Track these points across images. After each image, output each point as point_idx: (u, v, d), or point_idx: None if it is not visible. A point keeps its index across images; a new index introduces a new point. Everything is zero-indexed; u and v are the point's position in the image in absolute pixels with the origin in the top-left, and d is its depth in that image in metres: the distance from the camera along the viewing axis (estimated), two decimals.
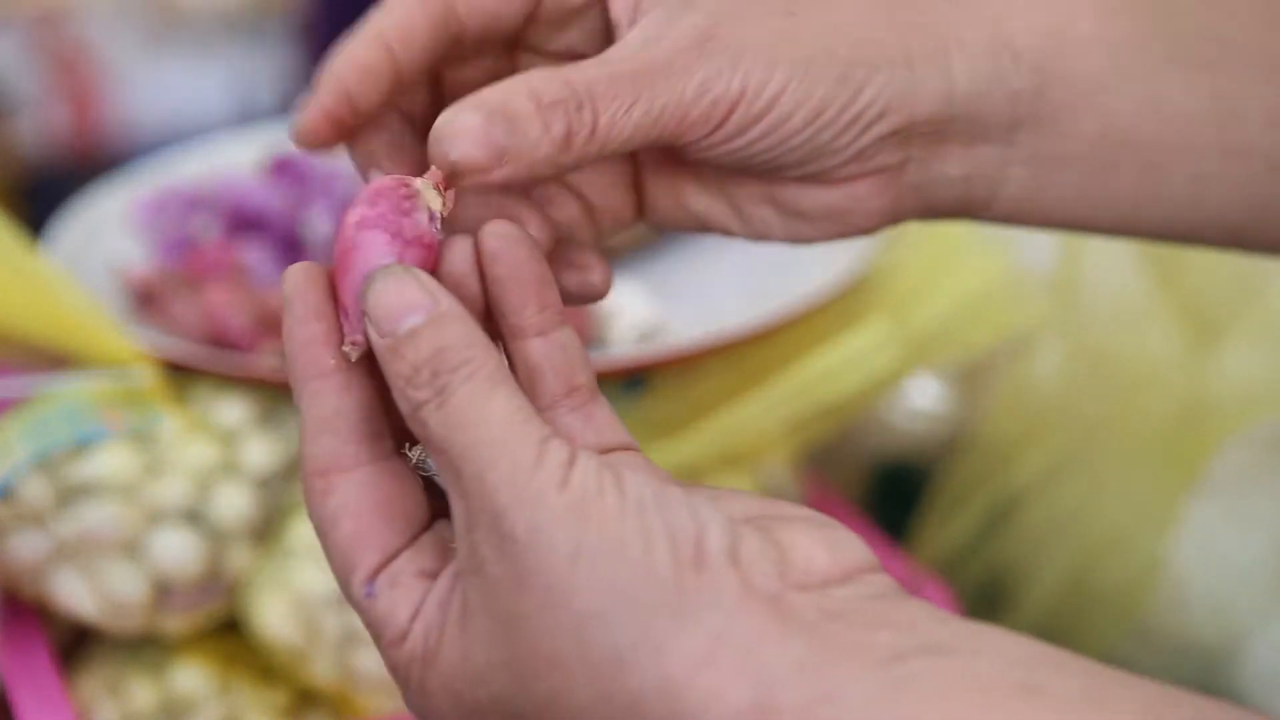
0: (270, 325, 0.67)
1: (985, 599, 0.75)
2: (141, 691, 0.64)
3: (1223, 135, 0.44)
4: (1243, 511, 0.72)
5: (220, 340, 0.66)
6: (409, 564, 0.38)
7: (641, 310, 0.71)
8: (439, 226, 0.39)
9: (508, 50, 0.45)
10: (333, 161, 0.79)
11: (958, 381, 0.80)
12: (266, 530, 0.64)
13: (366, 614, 0.38)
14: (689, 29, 0.41)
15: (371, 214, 0.38)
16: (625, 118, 0.40)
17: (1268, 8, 0.44)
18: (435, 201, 0.39)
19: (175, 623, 0.64)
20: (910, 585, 0.69)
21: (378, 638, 0.38)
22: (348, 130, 0.42)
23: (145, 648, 0.66)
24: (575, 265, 0.45)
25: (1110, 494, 0.73)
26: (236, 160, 0.81)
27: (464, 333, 0.37)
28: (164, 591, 0.63)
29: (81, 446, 0.64)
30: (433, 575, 0.38)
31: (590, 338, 0.70)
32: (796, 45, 0.41)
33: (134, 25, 1.62)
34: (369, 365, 0.38)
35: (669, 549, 0.34)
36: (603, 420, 0.40)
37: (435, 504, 0.39)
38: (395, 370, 0.37)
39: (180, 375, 0.65)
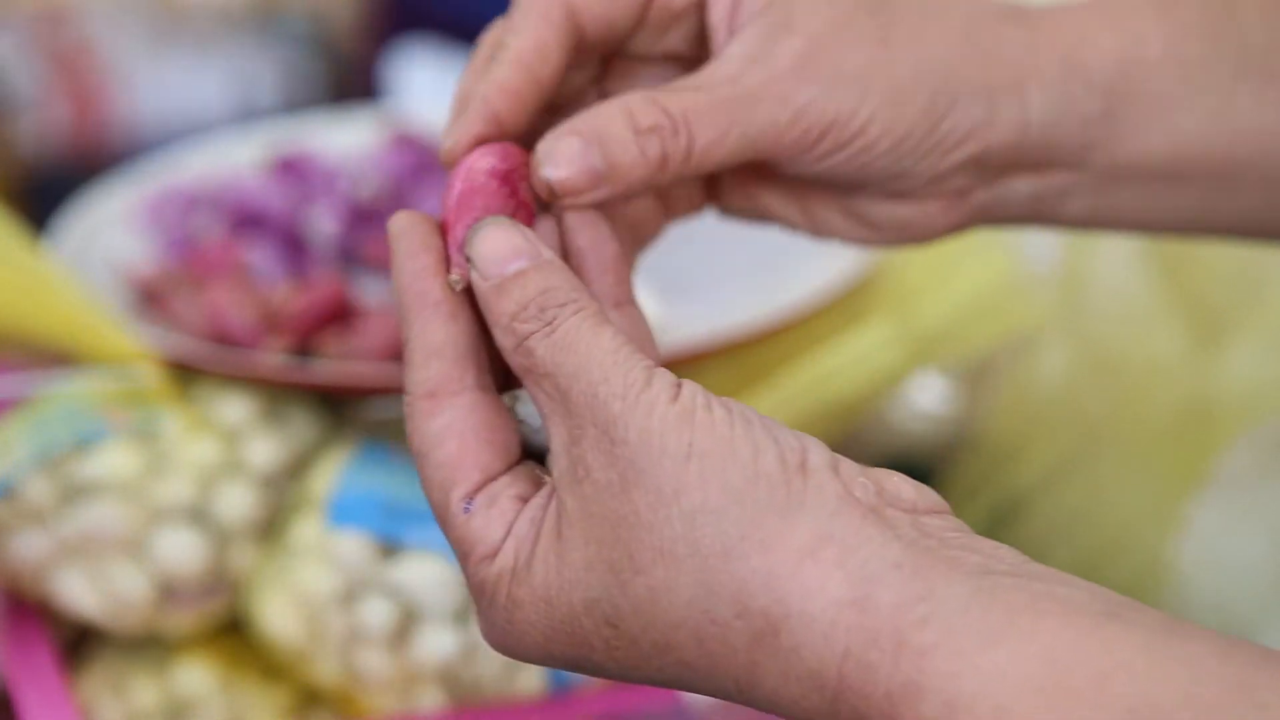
0: (273, 323, 0.67)
1: None
2: (144, 691, 0.64)
3: None
4: (1248, 511, 0.72)
5: (223, 339, 0.66)
6: (507, 486, 0.39)
7: (646, 308, 0.71)
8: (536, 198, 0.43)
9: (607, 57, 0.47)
10: (335, 160, 0.79)
11: (962, 381, 0.80)
12: (270, 529, 0.64)
13: (459, 530, 0.39)
14: (787, 54, 0.43)
15: (502, 167, 0.42)
16: (720, 144, 0.42)
17: None
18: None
19: (178, 622, 0.64)
20: None
21: (466, 555, 0.39)
22: None
23: (148, 647, 0.65)
24: None
25: (1114, 494, 0.72)
26: (238, 159, 0.81)
27: (568, 278, 0.39)
28: (167, 591, 0.63)
29: (84, 445, 0.63)
30: (526, 499, 0.39)
31: None
32: (888, 76, 0.43)
33: (135, 23, 1.62)
34: (474, 302, 0.40)
35: (776, 455, 0.36)
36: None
37: (526, 452, 0.41)
38: (500, 309, 0.39)
39: (183, 374, 0.65)
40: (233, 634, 0.66)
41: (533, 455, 0.41)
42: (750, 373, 0.68)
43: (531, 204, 0.43)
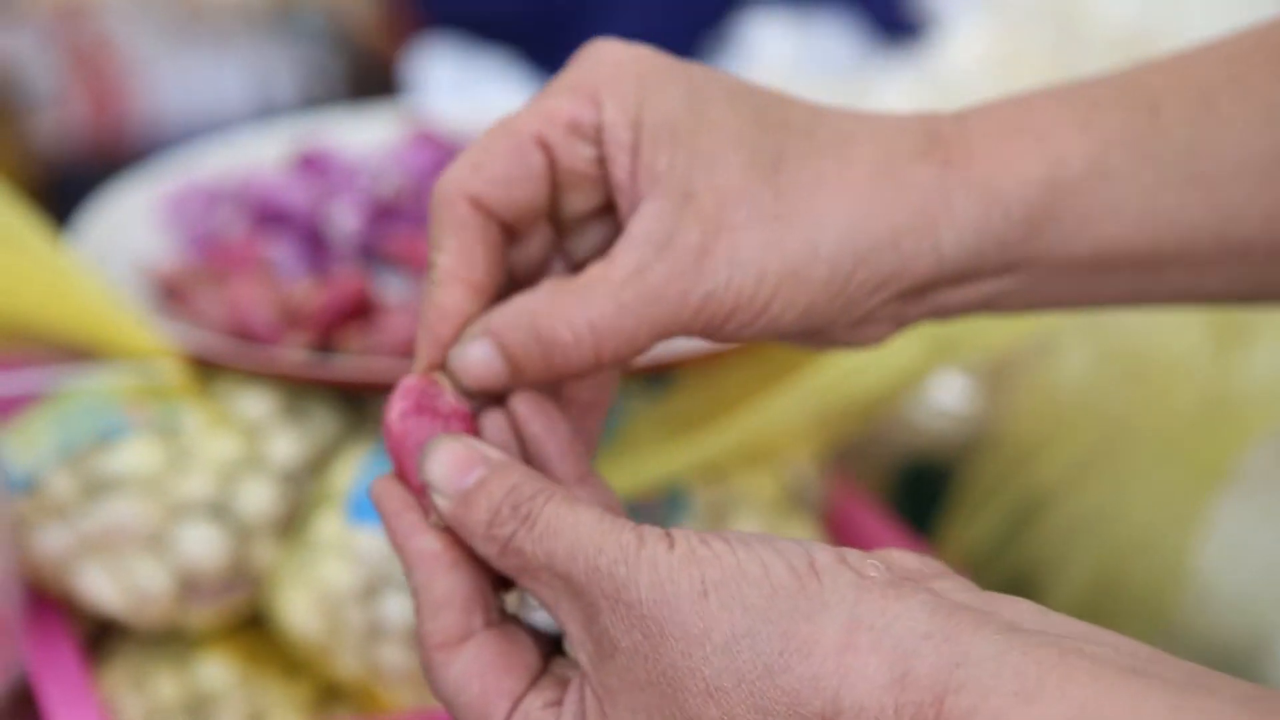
0: (294, 319, 0.67)
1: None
2: (166, 685, 0.64)
3: (1221, 238, 0.45)
4: (1269, 511, 0.72)
5: (244, 334, 0.66)
6: (535, 700, 0.41)
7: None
8: (467, 402, 0.45)
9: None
10: (355, 157, 0.79)
11: (984, 379, 0.80)
12: (290, 524, 0.64)
13: None
14: (687, 247, 0.43)
15: (408, 404, 0.44)
16: (628, 345, 0.44)
17: (1261, 111, 0.45)
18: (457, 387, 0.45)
19: (199, 617, 0.64)
20: None
21: None
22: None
23: (169, 642, 0.66)
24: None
25: (1136, 493, 0.72)
26: (259, 155, 0.81)
27: (526, 471, 0.41)
28: (188, 585, 0.63)
29: (106, 440, 0.64)
30: (559, 703, 0.40)
31: None
32: (782, 255, 0.44)
33: (154, 20, 1.62)
34: (468, 546, 0.42)
35: (785, 566, 0.37)
36: None
37: (543, 651, 0.43)
38: (474, 520, 0.41)
39: (204, 369, 0.65)
40: (253, 629, 0.66)
41: (553, 640, 0.43)
42: (771, 371, 0.68)
43: (457, 406, 0.44)
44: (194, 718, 0.64)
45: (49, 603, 0.65)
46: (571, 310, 0.43)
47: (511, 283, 0.47)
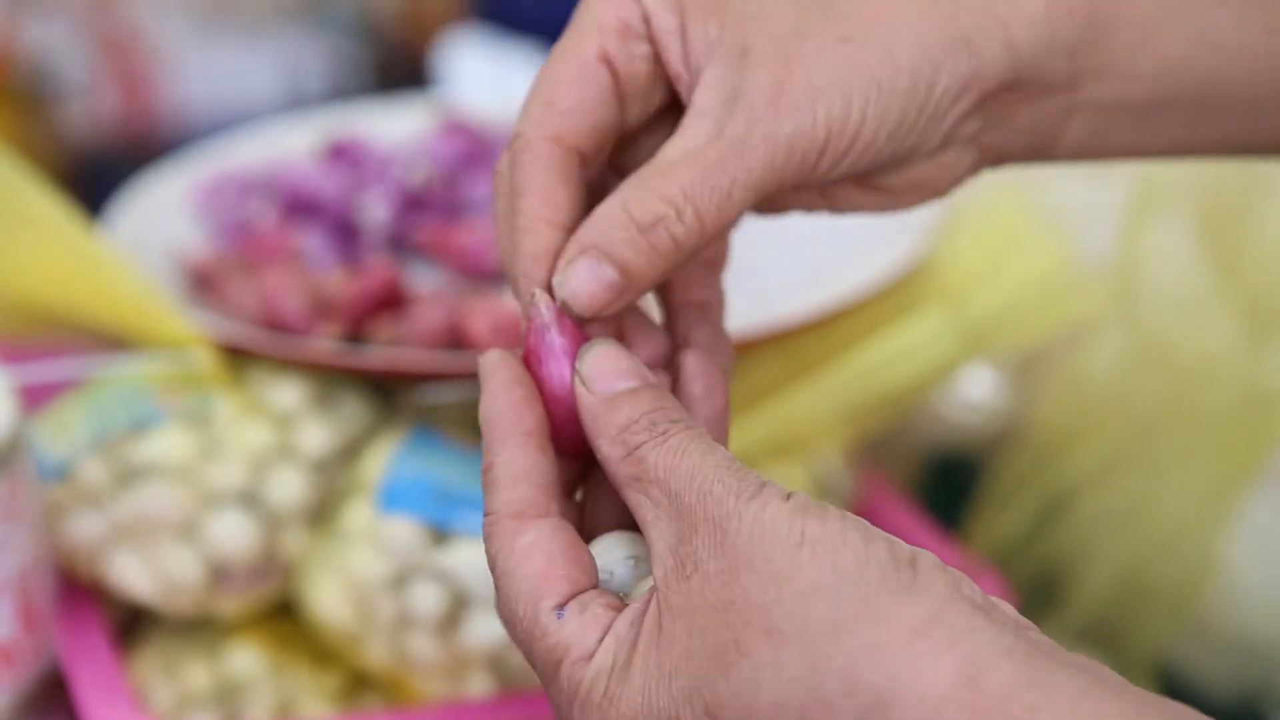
0: (325, 309, 0.67)
1: (1039, 592, 0.75)
2: (196, 673, 0.65)
3: (1277, 65, 0.45)
4: None
5: (276, 324, 0.67)
6: (596, 597, 0.40)
7: None
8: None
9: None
10: (387, 147, 0.79)
11: (1014, 372, 0.79)
12: (321, 513, 0.65)
13: (552, 636, 0.39)
14: (758, 90, 0.42)
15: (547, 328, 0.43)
16: (727, 203, 0.42)
17: None
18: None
19: (230, 605, 0.64)
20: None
21: (559, 661, 0.39)
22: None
23: (200, 630, 0.66)
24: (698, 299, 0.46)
25: (1167, 488, 0.72)
26: (291, 146, 0.81)
27: (676, 403, 0.41)
28: (219, 574, 0.63)
29: (139, 428, 0.64)
30: (618, 608, 0.40)
31: None
32: (863, 71, 0.42)
33: (185, 10, 1.63)
34: (561, 445, 0.42)
35: (887, 546, 0.36)
36: None
37: None
38: (611, 420, 0.40)
39: (236, 358, 0.66)
40: (283, 617, 0.66)
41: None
42: (802, 363, 0.68)
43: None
44: (223, 706, 0.64)
45: (81, 590, 0.65)
46: (661, 185, 0.42)
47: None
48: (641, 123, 0.46)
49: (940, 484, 0.81)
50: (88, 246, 0.68)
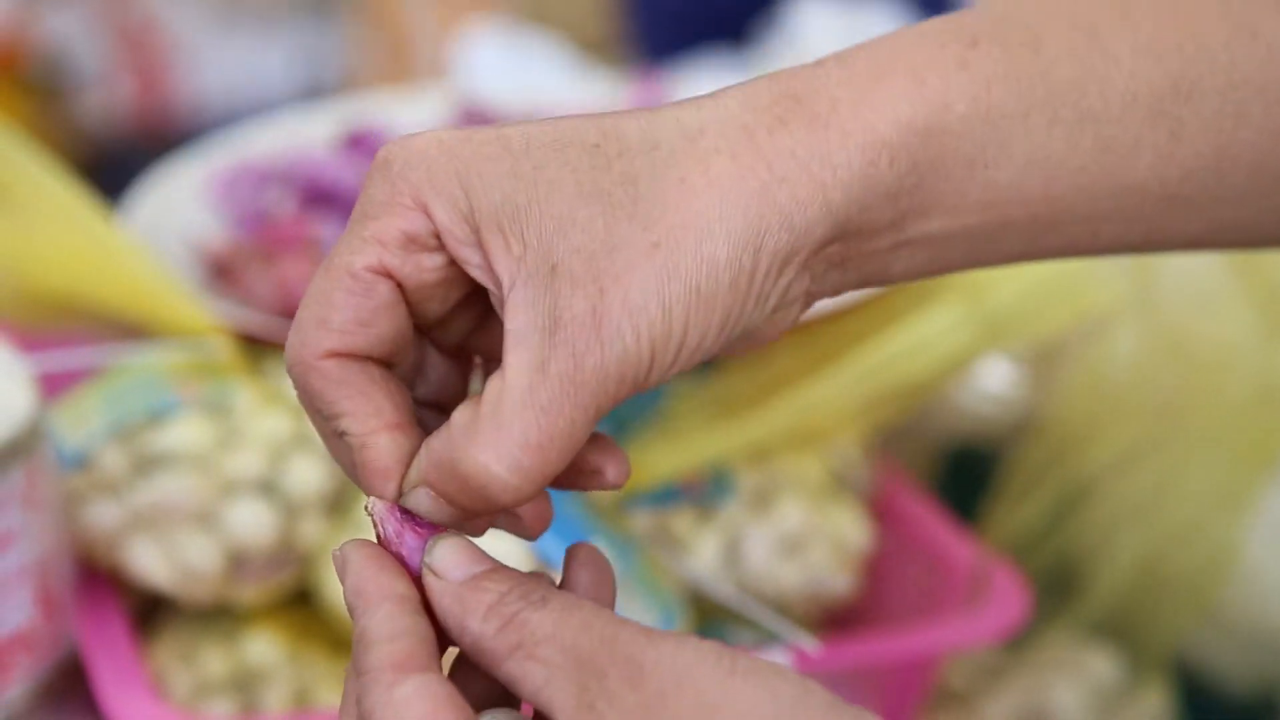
0: None
1: (1056, 584, 0.75)
2: (214, 661, 0.65)
3: (1113, 179, 0.43)
4: None
5: (294, 312, 0.67)
6: None
7: None
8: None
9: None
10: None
11: (1031, 364, 0.79)
12: (338, 502, 0.65)
13: None
14: (578, 319, 0.39)
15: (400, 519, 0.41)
16: (569, 443, 0.39)
17: (1145, 44, 0.43)
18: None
19: (248, 593, 0.65)
20: (981, 569, 0.68)
21: None
22: None
23: (218, 618, 0.66)
24: (590, 468, 0.43)
25: (1184, 479, 0.72)
26: (308, 135, 0.81)
27: (544, 578, 0.39)
28: (237, 562, 0.63)
29: (157, 417, 0.64)
30: None
31: None
32: (678, 279, 0.40)
33: (200, 1, 1.63)
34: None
35: (820, 686, 0.35)
36: None
37: None
38: (477, 600, 0.38)
39: (254, 347, 0.66)
40: (301, 605, 0.66)
41: None
42: (819, 354, 0.68)
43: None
44: (241, 693, 0.65)
45: (99, 578, 0.66)
46: (492, 444, 0.39)
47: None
48: (447, 310, 0.43)
49: (957, 475, 0.81)
50: (106, 236, 0.68)
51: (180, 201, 0.76)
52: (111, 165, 1.30)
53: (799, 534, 0.67)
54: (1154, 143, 0.43)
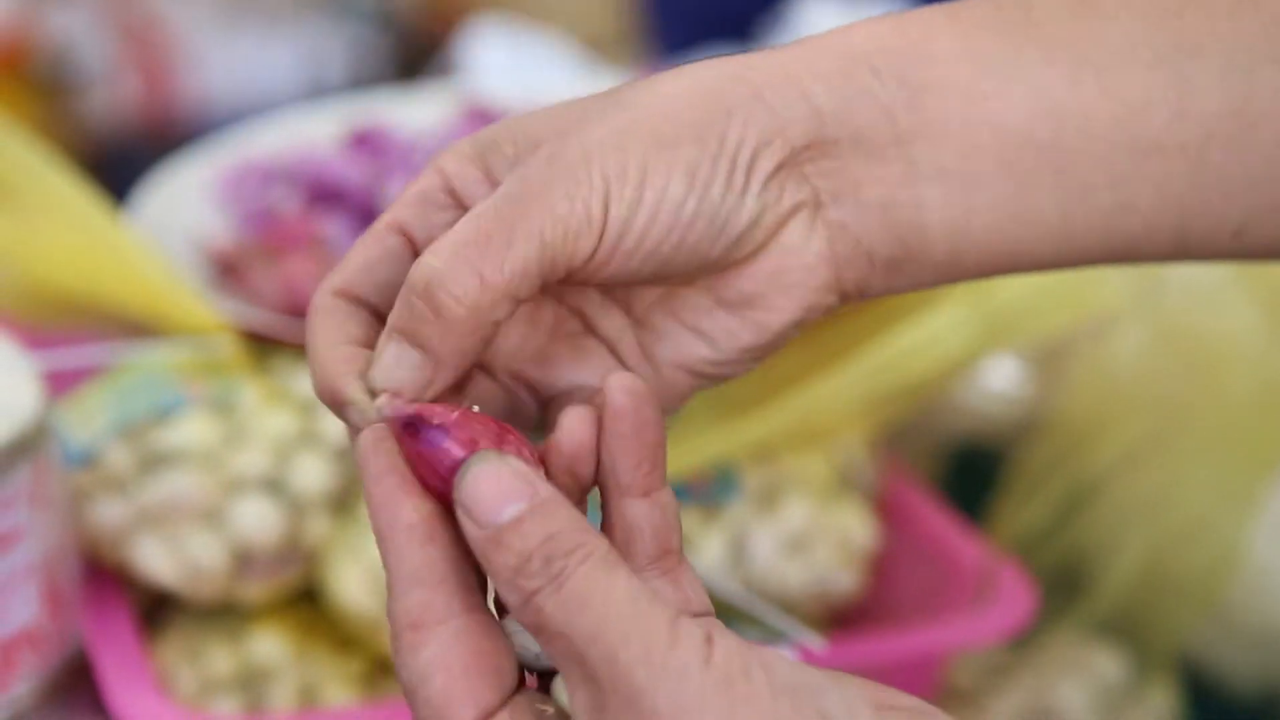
0: None
1: (1062, 583, 0.75)
2: (220, 659, 0.65)
3: (1126, 132, 0.40)
4: None
5: (299, 311, 0.67)
6: (507, 717, 0.37)
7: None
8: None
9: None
10: (409, 135, 0.79)
11: (1036, 362, 0.79)
12: (344, 500, 0.65)
13: None
14: (537, 158, 0.40)
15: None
16: (510, 254, 0.39)
17: (1145, 10, 0.41)
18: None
19: (254, 591, 0.65)
20: (987, 568, 0.68)
21: None
22: None
23: (224, 615, 0.66)
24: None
25: (1190, 478, 0.72)
26: (314, 134, 0.81)
27: (571, 517, 0.36)
28: (243, 560, 0.64)
29: (163, 415, 0.64)
30: None
31: None
32: (640, 130, 0.40)
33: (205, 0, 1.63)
34: (450, 516, 0.38)
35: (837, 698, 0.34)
36: (690, 586, 0.40)
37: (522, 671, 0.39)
38: (500, 562, 0.36)
39: (260, 345, 0.66)
40: (307, 604, 0.66)
41: (534, 671, 0.39)
42: (824, 352, 0.68)
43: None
44: (247, 691, 0.65)
45: (105, 575, 0.66)
46: (434, 248, 0.39)
47: None
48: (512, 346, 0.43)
49: (963, 474, 0.81)
50: (112, 234, 0.68)
51: (186, 200, 0.76)
52: (117, 163, 1.31)
53: (804, 533, 0.67)
54: (1164, 98, 0.40)
